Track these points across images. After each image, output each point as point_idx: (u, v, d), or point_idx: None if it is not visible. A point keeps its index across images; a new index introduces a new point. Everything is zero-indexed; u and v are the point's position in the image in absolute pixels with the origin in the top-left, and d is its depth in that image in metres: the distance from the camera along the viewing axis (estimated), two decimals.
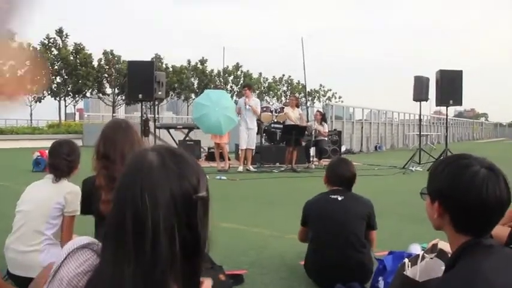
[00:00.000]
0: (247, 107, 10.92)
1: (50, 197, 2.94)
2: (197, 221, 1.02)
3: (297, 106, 12.49)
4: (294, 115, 11.97)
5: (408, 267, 2.01)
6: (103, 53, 38.72)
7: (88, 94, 39.05)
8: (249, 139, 11.04)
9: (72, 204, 2.96)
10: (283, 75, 57.27)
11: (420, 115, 13.64)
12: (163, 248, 0.97)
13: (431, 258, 2.01)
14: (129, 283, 0.96)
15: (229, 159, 11.24)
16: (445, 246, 2.09)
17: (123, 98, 38.76)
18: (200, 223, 1.03)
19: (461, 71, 11.47)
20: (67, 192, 2.96)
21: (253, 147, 11.31)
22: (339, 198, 3.19)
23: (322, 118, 13.16)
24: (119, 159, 2.62)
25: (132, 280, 0.96)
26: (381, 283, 2.80)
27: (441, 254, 1.99)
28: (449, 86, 11.22)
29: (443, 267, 1.93)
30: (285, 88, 57.04)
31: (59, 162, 3.01)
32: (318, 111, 13.92)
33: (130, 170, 1.05)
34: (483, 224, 1.43)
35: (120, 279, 0.96)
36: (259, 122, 12.15)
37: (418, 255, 2.07)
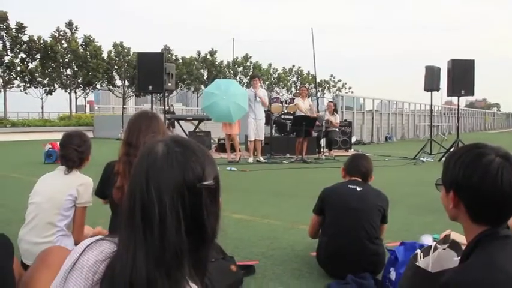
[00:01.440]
0: (257, 99, 10.90)
1: (62, 189, 2.97)
2: (202, 210, 1.05)
3: (308, 97, 12.44)
4: (304, 106, 11.93)
5: (421, 258, 2.01)
6: (113, 45, 38.82)
7: (98, 86, 39.25)
8: (257, 130, 11.04)
9: (84, 196, 3.00)
10: (293, 66, 57.13)
11: (431, 105, 13.54)
12: (170, 234, 1.01)
13: (444, 249, 2.00)
14: (142, 266, 1.00)
15: (239, 151, 11.25)
16: (457, 237, 2.08)
17: (133, 89, 38.89)
18: (206, 212, 1.05)
19: (473, 61, 11.33)
20: (79, 184, 2.99)
21: (262, 138, 11.30)
22: (358, 189, 3.21)
23: (334, 109, 13.12)
24: (140, 147, 2.63)
25: (145, 264, 1.00)
26: (393, 274, 2.79)
27: (454, 245, 1.98)
28: (461, 75, 11.09)
29: (456, 258, 1.92)
30: (294, 79, 56.85)
31: (70, 153, 3.04)
32: (330, 101, 13.87)
33: (139, 159, 1.10)
34: (499, 214, 1.40)
35: (134, 263, 1.01)
36: (269, 113, 12.13)
37: (431, 246, 2.06)
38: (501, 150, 1.42)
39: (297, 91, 22.55)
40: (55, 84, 35.32)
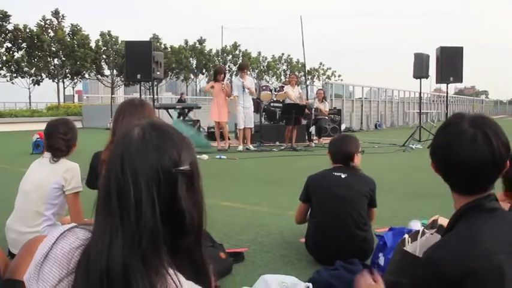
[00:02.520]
0: (246, 90, 10.83)
1: (48, 177, 2.93)
2: (178, 195, 1.03)
3: (297, 85, 12.43)
4: (293, 94, 11.92)
5: (408, 242, 2.01)
6: (100, 34, 38.43)
7: (86, 76, 38.91)
8: (246, 118, 11.01)
9: (72, 182, 2.94)
10: (283, 54, 56.91)
11: (420, 93, 13.59)
12: (146, 218, 0.99)
13: (432, 234, 2.01)
14: (117, 252, 0.98)
15: (229, 139, 11.23)
16: (445, 222, 2.09)
17: (122, 79, 38.61)
18: (182, 197, 1.03)
19: (461, 48, 11.37)
20: (65, 171, 2.94)
21: (252, 126, 11.29)
22: (342, 176, 3.18)
23: (324, 97, 13.12)
24: None
25: (121, 249, 0.98)
26: (381, 259, 2.81)
27: (441, 229, 1.99)
28: (450, 63, 11.14)
29: None
30: (284, 67, 56.72)
31: (56, 142, 2.98)
32: (320, 89, 13.86)
33: (116, 144, 1.07)
34: (473, 182, 1.38)
35: (110, 248, 0.99)
36: (259, 101, 12.11)
37: (418, 230, 2.07)
38: (476, 118, 1.40)
39: (287, 79, 22.52)
40: (42, 74, 34.95)
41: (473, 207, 1.37)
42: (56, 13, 35.11)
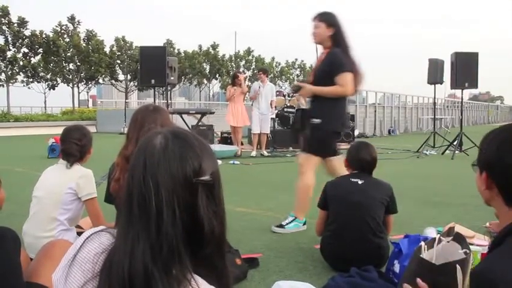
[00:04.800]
0: (263, 93, 10.84)
1: (62, 183, 2.96)
2: (198, 205, 1.04)
3: None
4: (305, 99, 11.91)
5: (425, 250, 2.00)
6: (115, 40, 38.78)
7: (101, 80, 39.25)
8: (263, 123, 10.98)
9: (86, 188, 2.98)
10: (296, 59, 56.94)
11: (434, 98, 13.49)
12: (167, 227, 1.00)
13: (448, 241, 2.00)
14: (139, 259, 0.99)
15: (242, 144, 11.24)
16: (461, 230, 2.09)
17: (136, 84, 38.89)
18: (203, 207, 1.04)
19: (477, 53, 11.27)
20: (79, 177, 2.97)
21: (268, 131, 11.27)
22: (359, 182, 3.18)
23: None
24: (135, 139, 2.63)
25: (142, 256, 0.99)
26: (397, 266, 2.79)
27: (458, 237, 1.98)
28: (465, 68, 11.03)
29: (460, 251, 1.92)
30: (297, 72, 56.72)
31: (71, 147, 3.03)
32: None
33: (137, 152, 1.09)
34: None
35: (131, 255, 1.00)
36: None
37: (435, 238, 2.06)
38: None
39: None
40: (58, 79, 35.36)
41: None
42: (72, 19, 35.51)
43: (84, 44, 35.76)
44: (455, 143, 11.20)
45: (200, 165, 1.06)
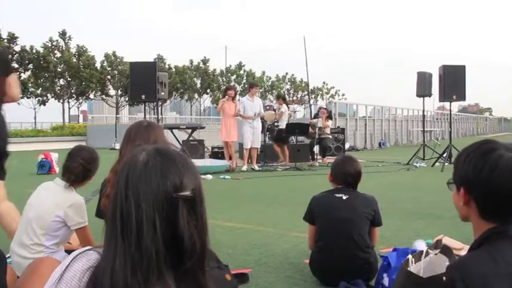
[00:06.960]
0: (256, 111, 10.98)
1: (50, 209, 2.87)
2: (179, 220, 1.05)
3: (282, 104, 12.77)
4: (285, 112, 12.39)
5: (412, 263, 2.01)
6: (105, 55, 38.78)
7: (91, 96, 39.13)
8: (254, 138, 11.03)
9: (74, 218, 2.88)
10: (286, 73, 57.19)
11: (424, 111, 13.61)
12: (146, 241, 1.02)
13: (436, 254, 2.00)
14: (120, 273, 1.02)
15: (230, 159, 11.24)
16: (449, 242, 2.10)
17: (127, 99, 38.80)
18: (183, 222, 1.06)
19: (464, 66, 11.42)
20: (68, 206, 2.87)
21: (258, 146, 11.32)
22: (344, 197, 3.17)
23: (329, 116, 13.18)
24: (124, 155, 2.62)
25: (122, 270, 1.02)
26: (386, 280, 2.80)
27: (445, 250, 1.98)
28: (453, 81, 11.16)
29: (447, 263, 1.93)
30: (288, 86, 56.95)
31: (76, 166, 2.94)
32: (323, 107, 13.95)
33: (122, 167, 1.12)
34: (509, 210, 1.38)
35: (113, 270, 1.02)
36: (263, 121, 12.16)
37: (422, 251, 2.07)
38: (511, 145, 1.40)
39: (290, 99, 22.53)
40: (48, 95, 35.20)
41: (497, 233, 1.37)
42: (63, 34, 35.47)
43: (75, 60, 35.70)
44: (444, 155, 11.28)
45: (181, 181, 1.08)
